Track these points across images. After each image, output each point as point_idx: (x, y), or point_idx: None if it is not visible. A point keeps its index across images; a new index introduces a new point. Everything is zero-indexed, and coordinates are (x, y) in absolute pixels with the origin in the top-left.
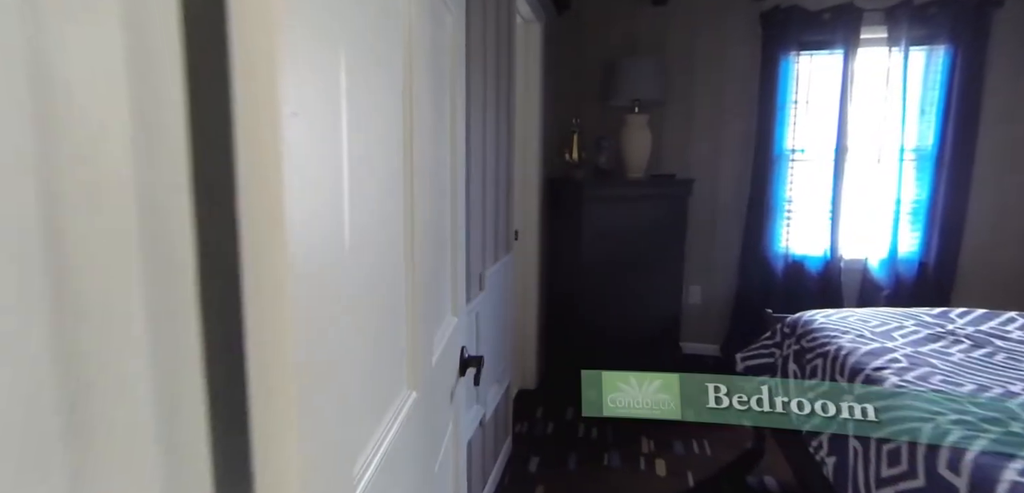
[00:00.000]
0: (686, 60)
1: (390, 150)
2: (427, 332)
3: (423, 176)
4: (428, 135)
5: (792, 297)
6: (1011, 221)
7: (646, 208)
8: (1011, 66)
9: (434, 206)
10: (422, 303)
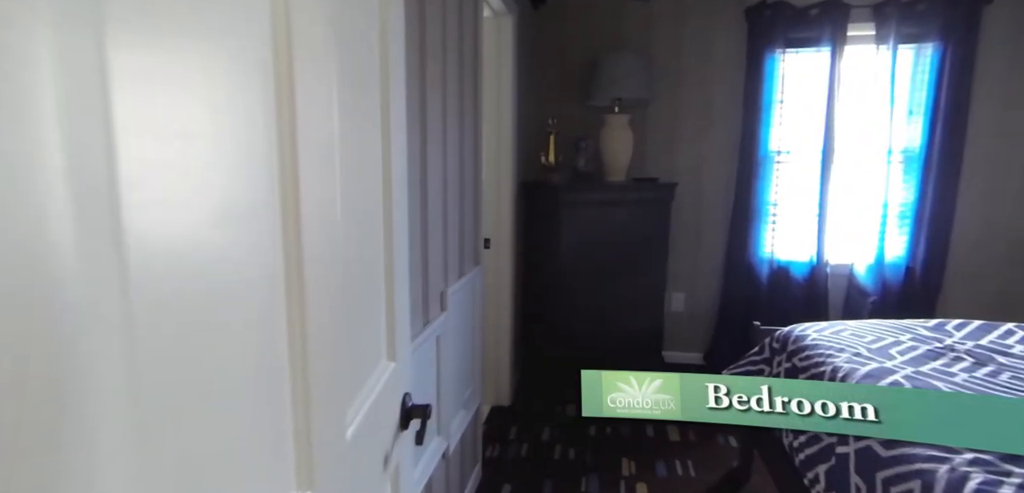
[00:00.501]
0: (670, 58)
1: (238, 170)
2: (333, 404)
3: (322, 201)
4: (328, 147)
5: (777, 304)
6: (998, 226)
7: (627, 213)
8: (1001, 65)
9: (349, 238)
10: (325, 366)
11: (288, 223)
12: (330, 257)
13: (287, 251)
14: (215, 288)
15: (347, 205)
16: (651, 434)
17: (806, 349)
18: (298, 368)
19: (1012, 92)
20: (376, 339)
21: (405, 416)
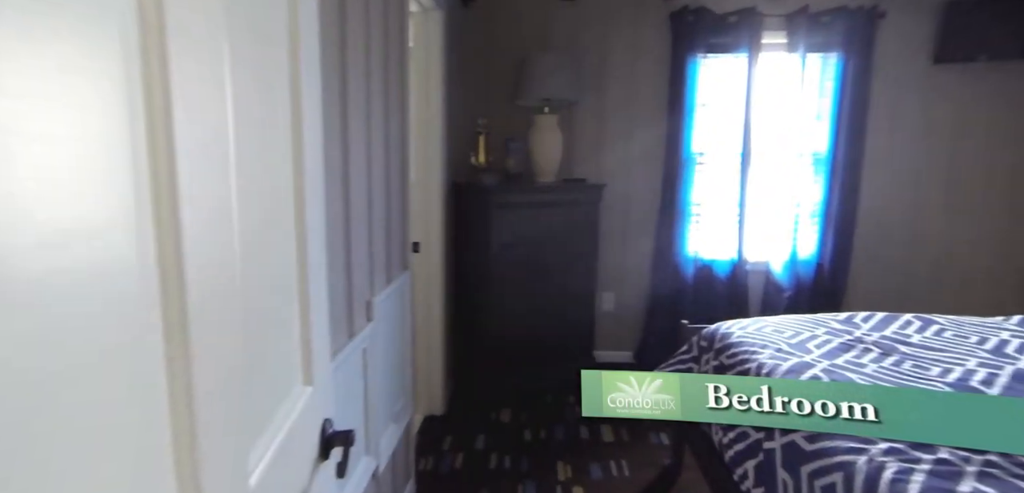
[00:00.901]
0: (598, 59)
1: (82, 172)
2: (230, 451)
3: (212, 210)
4: (219, 146)
5: (702, 302)
6: (893, 222)
7: (558, 214)
8: (893, 73)
9: (250, 252)
10: (219, 407)
11: (163, 238)
12: (224, 275)
13: (163, 272)
14: (47, 325)
15: (248, 214)
16: (586, 436)
17: (732, 346)
18: (181, 413)
19: (902, 98)
20: (288, 363)
21: (325, 445)
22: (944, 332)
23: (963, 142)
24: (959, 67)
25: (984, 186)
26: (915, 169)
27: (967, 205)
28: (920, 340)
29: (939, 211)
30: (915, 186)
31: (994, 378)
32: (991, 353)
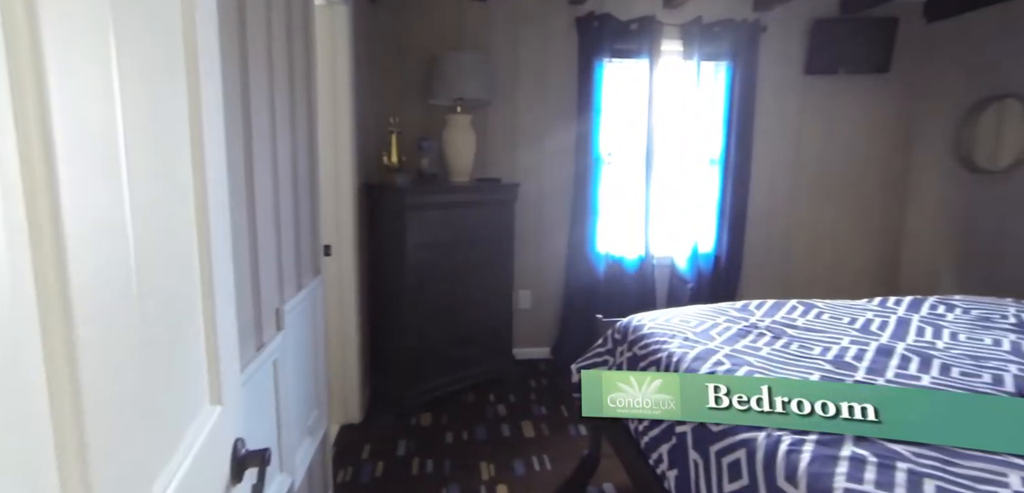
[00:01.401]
0: (509, 59)
1: None
2: (133, 476)
3: (102, 216)
4: (108, 142)
5: (614, 296)
6: (778, 217)
7: (473, 214)
8: (774, 82)
9: (146, 261)
10: (114, 441)
11: (40, 244)
12: (118, 286)
13: (41, 289)
14: None
15: (144, 219)
16: (508, 434)
17: (644, 338)
18: (69, 440)
19: (782, 104)
20: (194, 382)
21: (238, 467)
22: (822, 315)
23: (830, 143)
24: (825, 77)
25: (846, 183)
26: (793, 168)
27: (834, 200)
28: (804, 323)
29: (811, 206)
30: (793, 184)
31: (863, 353)
32: (860, 331)
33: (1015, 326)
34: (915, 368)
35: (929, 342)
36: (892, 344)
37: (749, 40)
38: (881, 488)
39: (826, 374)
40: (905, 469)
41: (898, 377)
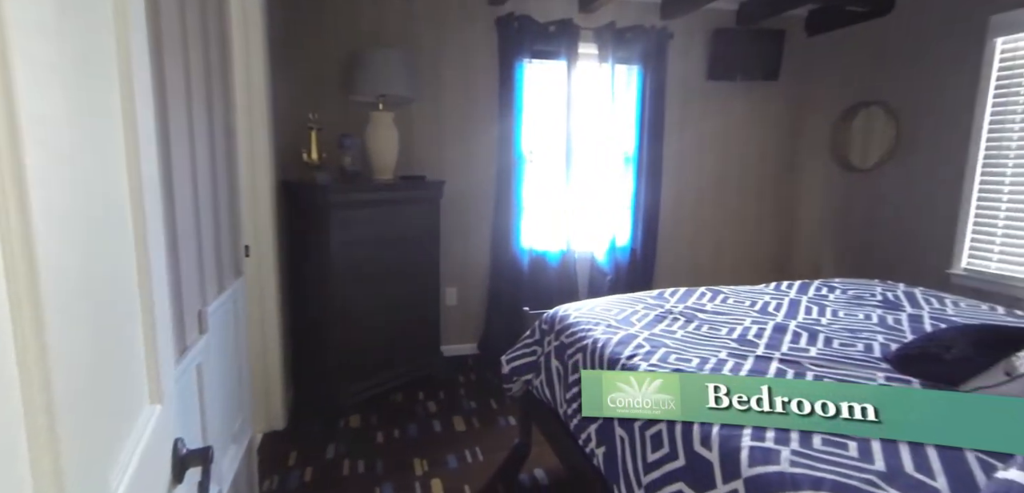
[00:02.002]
0: (432, 57)
1: None
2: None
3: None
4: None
5: (538, 290)
6: (687, 211)
7: (398, 212)
8: (682, 85)
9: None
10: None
11: (10, 242)
12: (76, 280)
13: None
14: None
15: (83, 210)
16: (439, 429)
17: (570, 326)
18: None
19: (688, 107)
20: (137, 380)
21: (179, 467)
22: (727, 299)
23: (730, 144)
24: (725, 83)
25: (745, 180)
26: (699, 167)
27: (735, 195)
28: (712, 307)
29: (716, 201)
30: (700, 181)
31: (763, 331)
32: (759, 313)
33: (881, 303)
34: (804, 342)
35: (815, 319)
36: (786, 322)
37: (658, 46)
38: (780, 443)
39: (732, 351)
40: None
41: (791, 350)
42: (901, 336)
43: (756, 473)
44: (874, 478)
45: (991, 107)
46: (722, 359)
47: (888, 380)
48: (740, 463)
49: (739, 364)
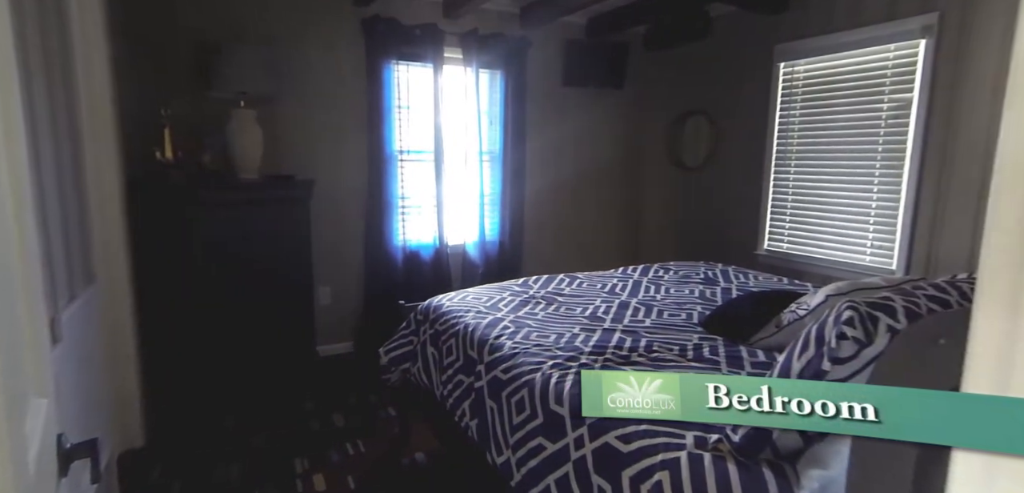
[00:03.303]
0: (298, 56)
1: None
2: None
3: None
4: None
5: (413, 284)
6: (548, 205)
7: (266, 212)
8: (541, 90)
9: None
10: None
11: None
12: None
13: None
14: None
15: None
16: (318, 427)
17: (443, 315)
18: None
19: (547, 111)
20: (23, 375)
21: (64, 461)
22: (582, 284)
23: (585, 145)
24: (579, 90)
25: (599, 178)
26: (559, 166)
27: (591, 192)
28: (570, 291)
29: (574, 197)
30: (559, 179)
31: (610, 309)
32: (608, 293)
33: (703, 280)
34: (642, 315)
35: (652, 296)
36: (629, 300)
37: (518, 53)
38: None
39: (584, 327)
40: None
41: (631, 322)
42: (714, 306)
43: (596, 417)
44: None
45: (778, 118)
46: (575, 333)
47: (701, 340)
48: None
49: (589, 336)
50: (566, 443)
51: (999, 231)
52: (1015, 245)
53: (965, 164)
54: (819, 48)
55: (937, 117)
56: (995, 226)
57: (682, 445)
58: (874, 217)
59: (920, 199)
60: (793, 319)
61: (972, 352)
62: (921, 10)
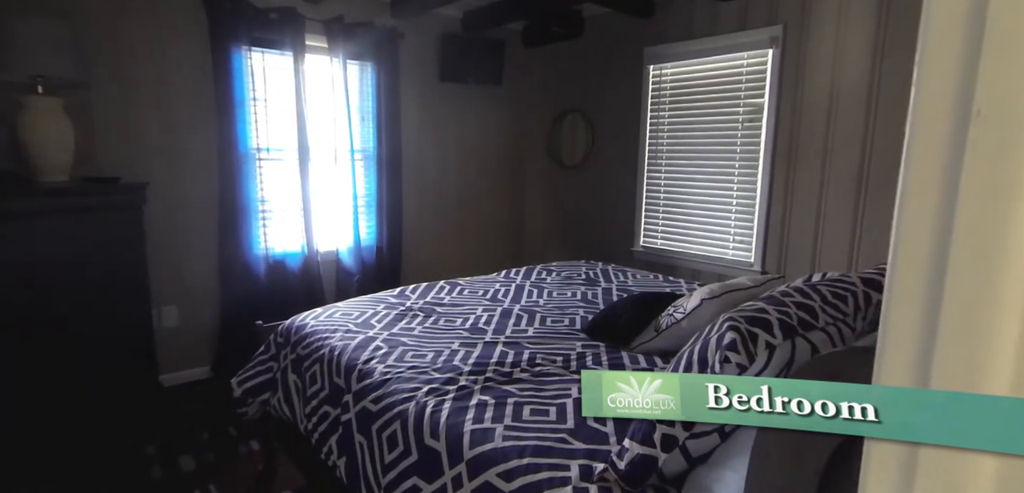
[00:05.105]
0: (119, 37)
1: None
2: None
3: None
4: None
5: (278, 297)
6: (429, 206)
7: (82, 223)
8: (417, 85)
9: None
10: None
11: None
12: None
13: None
14: None
15: None
16: (159, 475)
17: (306, 337)
18: None
19: (424, 106)
20: None
21: None
22: (464, 291)
23: (466, 143)
24: (458, 85)
25: (482, 177)
26: (439, 164)
27: (474, 191)
28: (450, 300)
29: (457, 197)
30: (441, 178)
31: (492, 318)
32: (490, 301)
33: (585, 281)
34: (524, 323)
35: (534, 301)
36: (511, 307)
37: (390, 44)
38: (495, 421)
39: (464, 341)
40: (512, 402)
41: (513, 332)
42: (596, 308)
43: (475, 453)
44: (565, 435)
45: (649, 119)
46: (454, 349)
47: (584, 348)
48: (463, 448)
49: (470, 351)
50: (444, 483)
51: None
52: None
53: (808, 163)
54: (683, 53)
55: (784, 120)
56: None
57: (567, 479)
58: (735, 214)
59: (772, 196)
60: (671, 322)
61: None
62: (768, 22)
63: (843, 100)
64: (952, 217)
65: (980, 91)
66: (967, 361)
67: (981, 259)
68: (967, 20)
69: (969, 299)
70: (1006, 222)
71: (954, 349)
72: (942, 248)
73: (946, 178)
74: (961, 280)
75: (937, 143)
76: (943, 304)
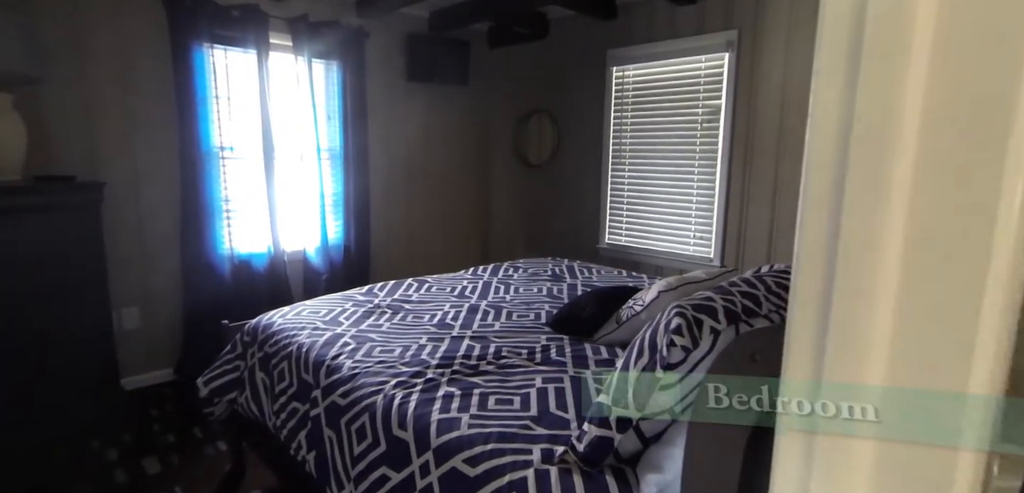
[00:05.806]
0: (73, 31)
1: None
2: None
3: None
4: None
5: (245, 298)
6: (397, 205)
7: (35, 223)
8: (383, 84)
9: None
10: None
11: None
12: None
13: None
14: None
15: None
16: (123, 479)
17: (274, 335)
18: None
19: (390, 105)
20: None
21: None
22: (432, 288)
23: (433, 141)
24: (424, 85)
25: (449, 175)
26: (406, 162)
27: (441, 189)
28: (418, 297)
29: (425, 194)
30: (408, 176)
31: (459, 314)
32: (457, 297)
33: (550, 277)
34: (491, 318)
35: (502, 297)
36: (479, 303)
37: (355, 43)
38: (462, 410)
39: (432, 336)
40: (478, 393)
41: (480, 327)
42: (561, 303)
43: (442, 441)
44: (528, 422)
45: (613, 119)
46: (422, 344)
47: (549, 341)
48: (430, 437)
49: (437, 346)
50: (412, 471)
51: None
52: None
53: (762, 162)
54: (644, 55)
55: (740, 121)
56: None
57: (529, 462)
58: (695, 211)
59: (730, 194)
60: (631, 315)
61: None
62: (724, 26)
63: (793, 103)
64: (838, 219)
65: (860, 100)
66: (850, 353)
67: (858, 257)
68: (850, 34)
69: (850, 295)
70: (879, 222)
71: (840, 342)
72: (831, 249)
73: (835, 183)
74: (844, 277)
75: (828, 150)
76: (833, 301)
